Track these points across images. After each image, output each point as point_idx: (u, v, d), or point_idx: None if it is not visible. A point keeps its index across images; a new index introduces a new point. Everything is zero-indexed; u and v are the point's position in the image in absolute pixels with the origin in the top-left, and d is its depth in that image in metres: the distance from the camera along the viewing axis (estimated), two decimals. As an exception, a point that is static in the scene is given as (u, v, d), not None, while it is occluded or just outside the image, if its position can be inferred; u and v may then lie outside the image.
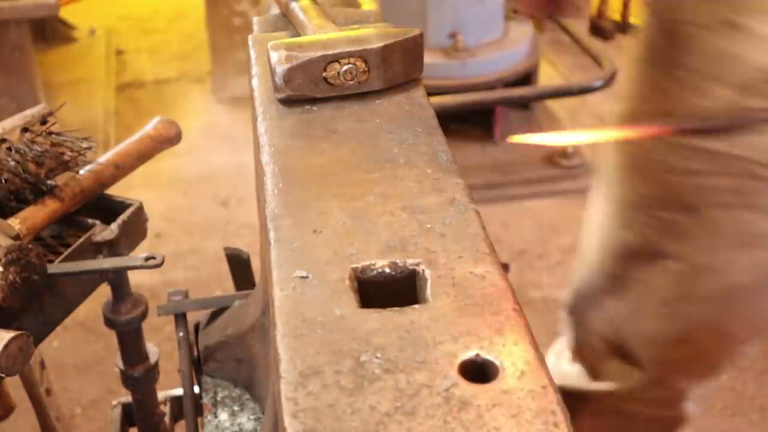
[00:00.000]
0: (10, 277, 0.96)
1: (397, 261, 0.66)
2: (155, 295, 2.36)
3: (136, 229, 1.19)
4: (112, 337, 1.29)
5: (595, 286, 1.37)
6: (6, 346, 0.91)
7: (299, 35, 0.94)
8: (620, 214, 1.27)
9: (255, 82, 0.92)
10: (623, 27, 4.35)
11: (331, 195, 0.73)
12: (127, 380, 1.32)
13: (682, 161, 1.16)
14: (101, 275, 1.17)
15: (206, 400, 1.13)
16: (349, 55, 0.85)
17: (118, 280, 1.21)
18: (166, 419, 1.42)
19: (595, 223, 1.34)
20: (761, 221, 1.16)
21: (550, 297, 2.54)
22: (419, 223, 0.69)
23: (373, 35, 0.87)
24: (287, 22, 1.04)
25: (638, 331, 1.32)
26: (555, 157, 3.21)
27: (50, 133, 1.12)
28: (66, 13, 4.13)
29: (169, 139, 1.29)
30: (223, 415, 1.11)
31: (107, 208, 1.19)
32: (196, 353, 1.18)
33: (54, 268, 1.05)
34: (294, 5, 1.00)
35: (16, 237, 1.02)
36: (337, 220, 0.70)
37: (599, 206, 1.32)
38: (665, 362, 1.33)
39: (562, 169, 3.18)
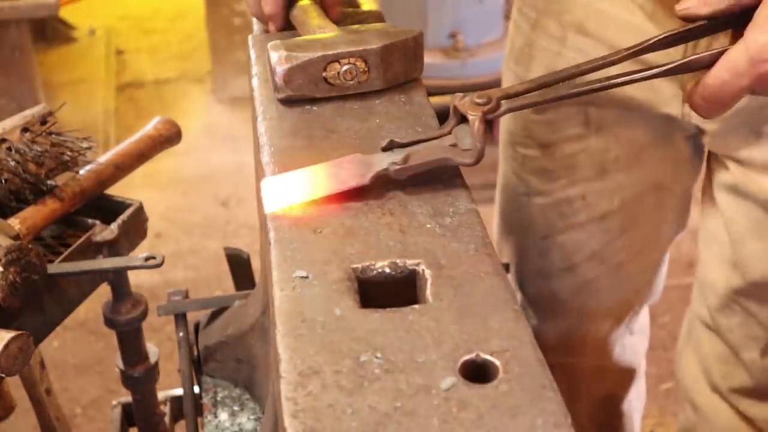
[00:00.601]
0: (10, 277, 0.96)
1: (397, 261, 0.66)
2: (155, 295, 2.36)
3: (136, 229, 1.19)
4: (112, 337, 1.29)
5: (497, 232, 1.41)
6: (6, 346, 0.91)
7: (299, 35, 0.94)
8: (501, 151, 1.33)
9: (255, 82, 0.92)
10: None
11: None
12: (127, 380, 1.32)
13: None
14: (101, 275, 1.17)
15: (206, 400, 1.13)
16: (349, 55, 0.85)
17: (118, 280, 1.21)
18: (166, 419, 1.42)
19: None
20: (613, 146, 1.18)
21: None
22: (419, 223, 0.70)
23: (373, 35, 0.87)
24: (287, 22, 1.04)
25: (528, 268, 1.35)
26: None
27: (50, 133, 1.12)
28: (66, 13, 4.13)
29: (169, 139, 1.29)
30: (223, 415, 1.11)
31: (107, 208, 1.19)
32: (196, 353, 1.18)
33: (54, 268, 1.05)
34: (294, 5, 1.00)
35: (16, 237, 1.02)
36: (337, 220, 0.70)
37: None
38: (558, 298, 1.35)
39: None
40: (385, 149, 0.74)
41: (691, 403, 1.25)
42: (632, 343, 1.47)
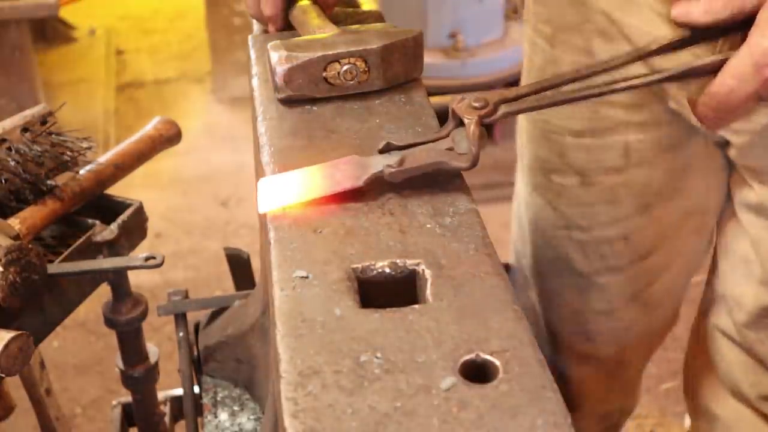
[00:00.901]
0: (10, 277, 0.96)
1: (397, 261, 0.66)
2: (155, 295, 2.36)
3: (136, 229, 1.19)
4: (112, 337, 1.29)
5: (524, 263, 1.35)
6: (6, 346, 0.91)
7: (299, 35, 0.94)
8: (530, 182, 1.26)
9: (255, 82, 0.92)
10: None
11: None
12: (127, 380, 1.32)
13: (566, 120, 1.13)
14: (101, 275, 1.17)
15: (206, 400, 1.13)
16: (349, 55, 0.85)
17: (118, 280, 1.21)
18: (166, 419, 1.42)
19: (518, 198, 1.33)
20: (656, 178, 1.13)
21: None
22: (419, 223, 0.69)
23: (373, 35, 0.87)
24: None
25: (563, 308, 1.30)
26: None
27: (50, 133, 1.12)
28: (66, 13, 4.13)
29: (169, 139, 1.29)
30: (223, 415, 1.11)
31: (107, 208, 1.19)
32: (196, 353, 1.18)
33: (54, 268, 1.05)
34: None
35: (16, 237, 1.02)
36: (337, 220, 0.70)
37: (519, 178, 1.31)
38: (593, 343, 1.30)
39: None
40: (381, 151, 0.74)
41: (706, 414, 1.22)
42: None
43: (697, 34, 0.78)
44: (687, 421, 1.34)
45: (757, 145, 0.99)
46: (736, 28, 0.75)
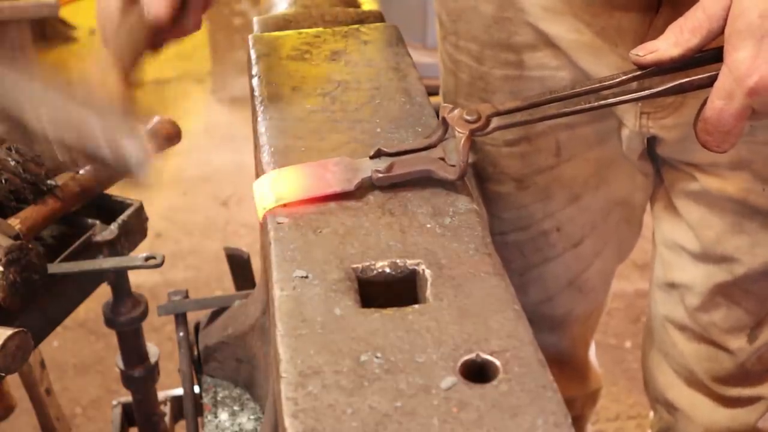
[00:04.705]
0: (10, 277, 0.96)
1: (397, 261, 0.66)
2: (155, 295, 2.36)
3: (136, 229, 1.19)
4: (112, 337, 1.29)
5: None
6: (4, 344, 0.91)
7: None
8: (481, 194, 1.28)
9: (255, 82, 0.92)
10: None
11: (331, 195, 0.73)
12: (127, 380, 1.32)
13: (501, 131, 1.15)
14: (101, 275, 1.17)
15: (206, 400, 1.13)
16: None
17: (118, 280, 1.21)
18: (166, 419, 1.42)
19: None
20: (582, 169, 1.15)
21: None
22: (419, 223, 0.69)
23: None
24: (287, 22, 1.04)
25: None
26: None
27: (50, 133, 1.12)
28: (66, 13, 4.13)
29: (169, 138, 1.29)
30: (223, 415, 1.11)
31: (107, 208, 1.19)
32: (196, 353, 1.18)
33: (54, 268, 1.05)
34: None
35: (16, 237, 1.02)
36: (337, 220, 0.70)
37: None
38: (537, 327, 1.35)
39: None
40: (372, 157, 0.74)
41: (665, 404, 1.28)
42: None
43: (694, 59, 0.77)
44: (651, 414, 1.38)
45: (693, 139, 1.00)
46: (705, 60, 0.75)
